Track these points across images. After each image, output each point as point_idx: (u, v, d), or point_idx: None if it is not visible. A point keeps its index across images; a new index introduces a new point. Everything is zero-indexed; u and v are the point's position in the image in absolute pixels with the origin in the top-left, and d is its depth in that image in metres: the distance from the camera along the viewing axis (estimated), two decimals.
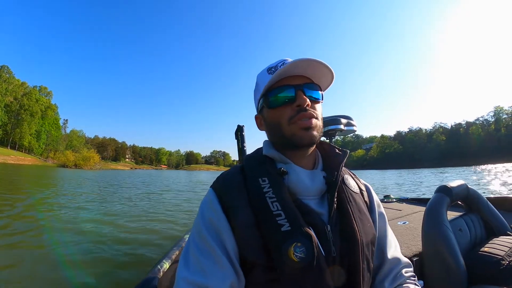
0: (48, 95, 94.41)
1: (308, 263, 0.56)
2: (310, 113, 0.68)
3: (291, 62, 0.67)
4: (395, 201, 3.51)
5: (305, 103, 0.67)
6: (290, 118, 0.69)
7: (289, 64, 0.66)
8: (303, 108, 0.68)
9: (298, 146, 0.70)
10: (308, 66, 0.69)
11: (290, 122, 0.69)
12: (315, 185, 0.69)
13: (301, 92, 0.68)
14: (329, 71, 0.70)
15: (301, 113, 0.68)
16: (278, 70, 0.67)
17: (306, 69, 0.70)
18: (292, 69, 0.69)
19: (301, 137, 0.68)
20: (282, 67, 0.68)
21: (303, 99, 0.68)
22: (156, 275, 1.35)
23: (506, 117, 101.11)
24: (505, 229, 1.59)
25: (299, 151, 0.72)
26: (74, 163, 78.35)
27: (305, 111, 0.68)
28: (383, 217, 0.79)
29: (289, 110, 0.69)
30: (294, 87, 0.69)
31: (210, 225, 0.64)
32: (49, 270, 3.54)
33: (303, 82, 0.70)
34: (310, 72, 0.71)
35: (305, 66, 0.69)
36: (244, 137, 2.03)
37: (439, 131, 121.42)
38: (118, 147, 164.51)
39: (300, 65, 0.68)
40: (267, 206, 0.62)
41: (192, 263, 0.61)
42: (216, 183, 0.71)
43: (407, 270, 0.75)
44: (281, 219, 0.59)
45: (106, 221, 6.64)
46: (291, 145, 0.70)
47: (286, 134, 0.70)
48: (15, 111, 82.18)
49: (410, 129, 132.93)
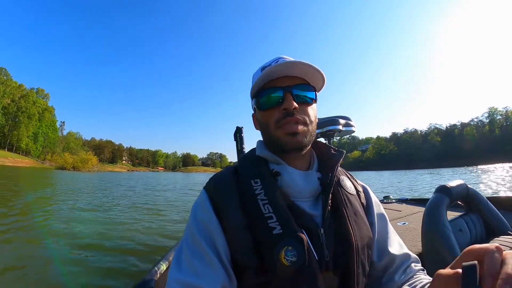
0: (45, 97, 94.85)
1: (300, 267, 0.55)
2: (296, 118, 0.66)
3: (279, 63, 0.65)
4: (395, 202, 3.57)
5: (291, 107, 0.65)
6: (277, 122, 0.67)
7: (279, 64, 0.65)
8: (290, 112, 0.66)
9: (285, 151, 0.69)
10: (298, 67, 0.67)
11: (277, 126, 0.67)
12: (309, 186, 0.68)
13: (289, 95, 0.66)
14: (319, 73, 0.68)
15: (287, 118, 0.66)
16: (265, 70, 0.66)
17: (298, 69, 0.67)
18: (282, 69, 0.66)
19: (286, 143, 0.67)
20: (273, 65, 0.66)
21: (290, 103, 0.65)
22: (153, 277, 1.36)
23: (500, 118, 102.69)
24: (505, 229, 1.59)
25: (288, 154, 0.70)
26: (73, 166, 78.86)
27: (292, 115, 0.66)
28: (383, 218, 0.77)
29: (277, 113, 0.67)
30: (283, 89, 0.67)
31: (202, 227, 0.63)
32: (46, 272, 3.54)
33: (294, 83, 0.68)
34: (302, 72, 0.68)
35: (294, 67, 0.67)
36: (243, 139, 2.01)
37: (434, 132, 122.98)
38: (115, 149, 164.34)
39: (290, 65, 0.66)
40: (258, 209, 0.61)
41: (184, 264, 0.60)
42: (208, 184, 0.70)
43: (416, 264, 0.73)
44: (272, 222, 0.58)
45: (106, 222, 6.74)
46: (278, 148, 0.70)
47: (273, 137, 0.69)
48: (13, 113, 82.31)
49: (406, 130, 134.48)
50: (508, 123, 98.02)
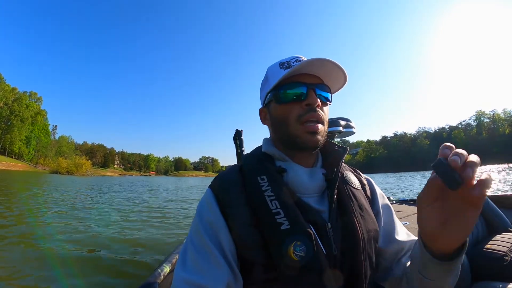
0: (38, 101, 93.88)
1: (308, 262, 0.55)
2: (318, 115, 0.67)
3: (307, 60, 0.66)
4: (395, 203, 3.60)
5: (315, 103, 0.67)
6: (299, 117, 0.68)
7: (305, 62, 0.66)
8: (313, 107, 0.67)
9: (301, 148, 0.70)
10: (322, 66, 0.68)
11: (299, 121, 0.68)
12: (315, 182, 0.69)
13: (312, 92, 0.68)
14: (342, 74, 0.69)
15: (311, 113, 0.67)
16: (293, 67, 0.66)
17: (319, 68, 0.69)
18: (306, 67, 0.68)
19: (305, 141, 0.68)
20: (296, 63, 0.68)
21: (315, 99, 0.67)
22: (156, 279, 1.35)
23: (487, 121, 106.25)
24: (506, 226, 1.59)
25: (300, 151, 0.71)
26: (67, 170, 78.70)
27: (315, 111, 0.67)
28: (389, 209, 0.78)
29: (298, 108, 0.68)
30: (307, 85, 0.68)
31: (208, 225, 0.64)
32: (45, 277, 3.48)
33: (316, 82, 0.70)
34: (322, 72, 0.70)
35: (319, 66, 0.68)
36: (243, 142, 2.03)
37: (423, 135, 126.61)
38: (107, 153, 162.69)
39: (315, 63, 0.67)
40: (265, 205, 0.61)
41: (190, 262, 0.61)
42: (214, 182, 0.71)
43: None
44: (280, 218, 0.59)
45: (105, 223, 6.75)
46: (294, 145, 0.70)
47: (291, 133, 0.69)
48: (6, 116, 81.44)
49: (395, 134, 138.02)
50: (495, 126, 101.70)
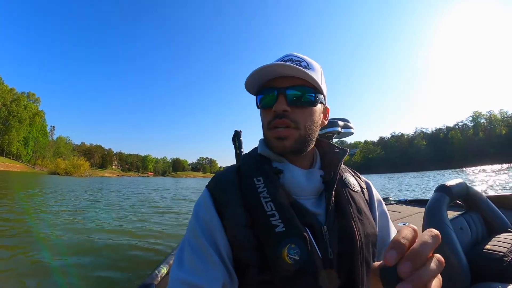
0: (36, 102, 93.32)
1: (303, 265, 0.54)
2: (285, 121, 0.64)
3: (275, 63, 0.63)
4: (395, 203, 3.59)
5: (280, 109, 0.64)
6: (268, 123, 0.67)
7: (273, 64, 0.63)
8: (279, 114, 0.64)
9: (277, 153, 0.69)
10: (291, 69, 0.63)
11: (268, 127, 0.67)
12: (312, 184, 0.67)
13: (282, 96, 0.64)
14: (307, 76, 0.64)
15: (276, 120, 0.65)
16: (256, 70, 0.64)
17: (294, 70, 0.63)
18: (277, 69, 0.64)
19: (274, 146, 0.67)
20: (269, 64, 0.64)
21: (278, 105, 0.64)
22: (154, 281, 1.34)
23: (484, 122, 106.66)
24: (506, 226, 1.59)
25: (290, 154, 0.69)
26: (65, 171, 78.70)
27: (280, 117, 0.64)
28: (385, 215, 0.77)
29: (268, 114, 0.67)
30: (277, 90, 0.65)
31: (204, 224, 0.63)
32: (42, 280, 3.51)
33: (292, 84, 0.65)
34: (300, 73, 0.63)
35: (290, 68, 0.63)
36: (242, 142, 2.01)
37: (420, 136, 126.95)
38: (105, 154, 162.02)
39: (284, 66, 0.62)
40: (261, 206, 0.60)
41: (186, 262, 0.60)
42: (211, 182, 0.70)
43: None
44: (275, 220, 0.58)
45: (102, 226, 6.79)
46: (271, 149, 0.70)
47: (265, 137, 0.70)
48: (4, 117, 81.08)
49: (393, 135, 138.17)
50: (492, 126, 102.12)
